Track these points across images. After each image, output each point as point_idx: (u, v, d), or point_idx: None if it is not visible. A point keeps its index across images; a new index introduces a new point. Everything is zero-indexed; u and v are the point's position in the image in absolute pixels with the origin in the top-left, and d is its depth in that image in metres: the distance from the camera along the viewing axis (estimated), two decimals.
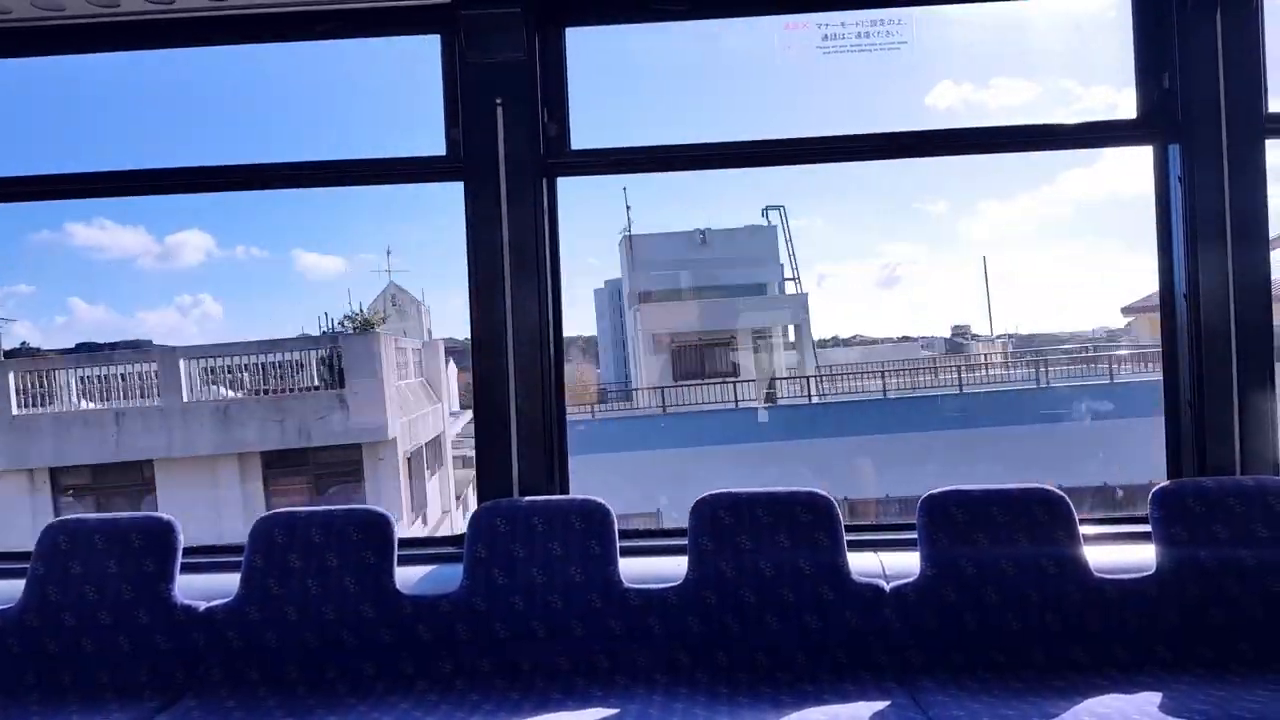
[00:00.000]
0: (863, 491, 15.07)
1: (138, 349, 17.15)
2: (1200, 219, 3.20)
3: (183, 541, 3.09)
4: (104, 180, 3.57)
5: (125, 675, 2.91)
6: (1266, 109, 3.21)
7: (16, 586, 3.04)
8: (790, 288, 24.11)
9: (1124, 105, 3.42)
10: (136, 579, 2.99)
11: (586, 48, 3.42)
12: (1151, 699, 2.52)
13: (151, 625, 2.96)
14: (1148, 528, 2.99)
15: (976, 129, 3.48)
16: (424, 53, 3.40)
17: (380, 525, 3.03)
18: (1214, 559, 2.86)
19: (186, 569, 3.09)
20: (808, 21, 3.41)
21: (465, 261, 3.34)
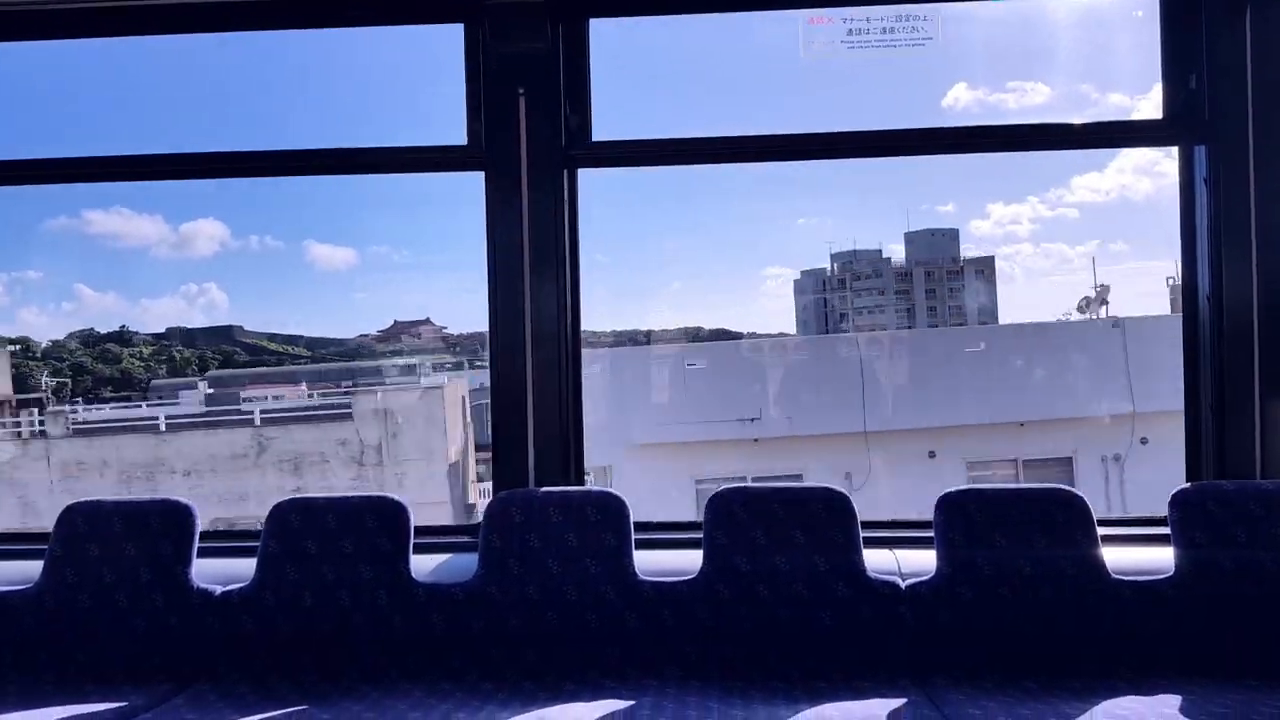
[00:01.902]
0: None
1: None
2: (1226, 221, 3.17)
3: (200, 526, 3.10)
4: (126, 164, 3.59)
5: (140, 657, 2.93)
6: None
7: (35, 567, 3.06)
8: None
9: (1141, 110, 3.39)
10: (153, 562, 3.01)
11: (609, 39, 3.41)
12: (1169, 701, 2.51)
13: (167, 608, 2.97)
14: (1166, 530, 2.97)
15: (1000, 126, 3.47)
16: (447, 42, 3.40)
17: (396, 513, 3.03)
18: (1233, 562, 2.83)
19: (203, 553, 3.10)
20: (833, 16, 3.39)
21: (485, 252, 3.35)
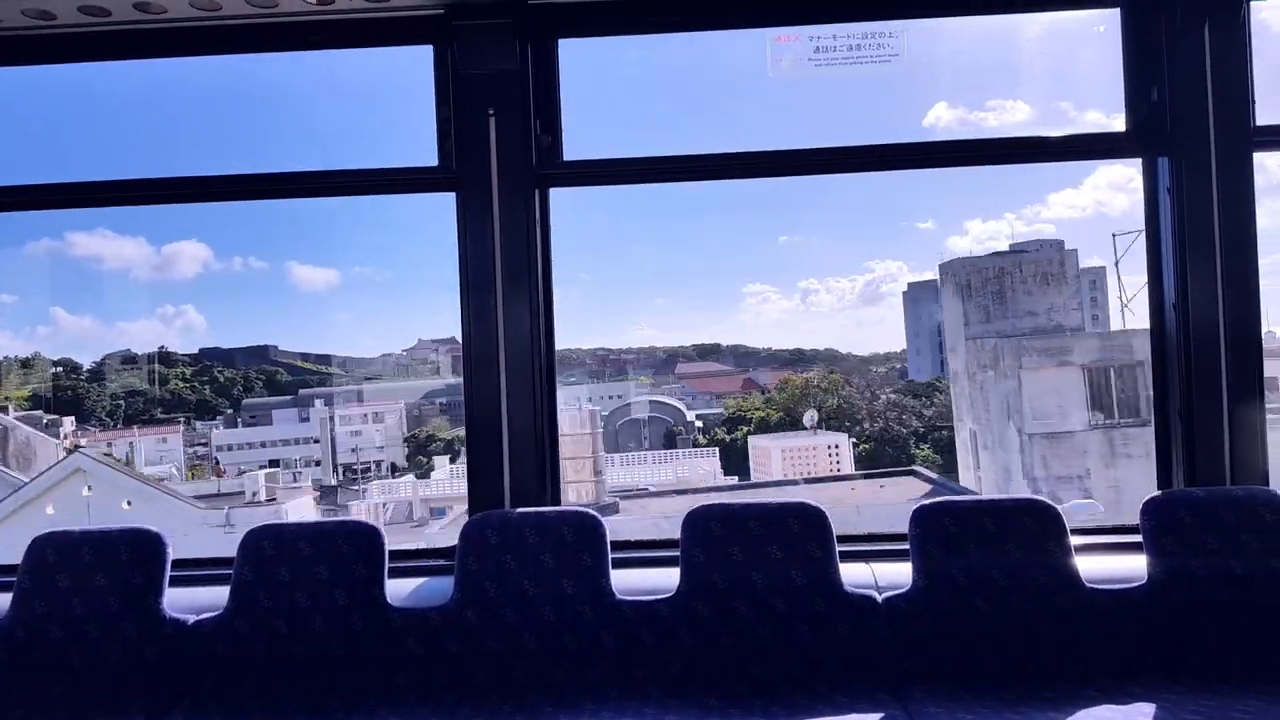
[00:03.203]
0: None
1: None
2: (1189, 231, 3.21)
3: (171, 554, 3.07)
4: (94, 190, 3.56)
5: (113, 689, 2.88)
6: (1254, 121, 3.23)
7: (3, 600, 3.01)
8: None
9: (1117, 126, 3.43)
10: (124, 592, 2.97)
11: (580, 59, 3.43)
12: (1143, 709, 2.52)
13: (140, 639, 2.93)
14: (1139, 538, 2.99)
15: (967, 141, 3.52)
16: (417, 64, 3.41)
17: (370, 537, 3.01)
18: (1204, 569, 2.86)
19: (175, 582, 3.07)
20: (799, 34, 3.42)
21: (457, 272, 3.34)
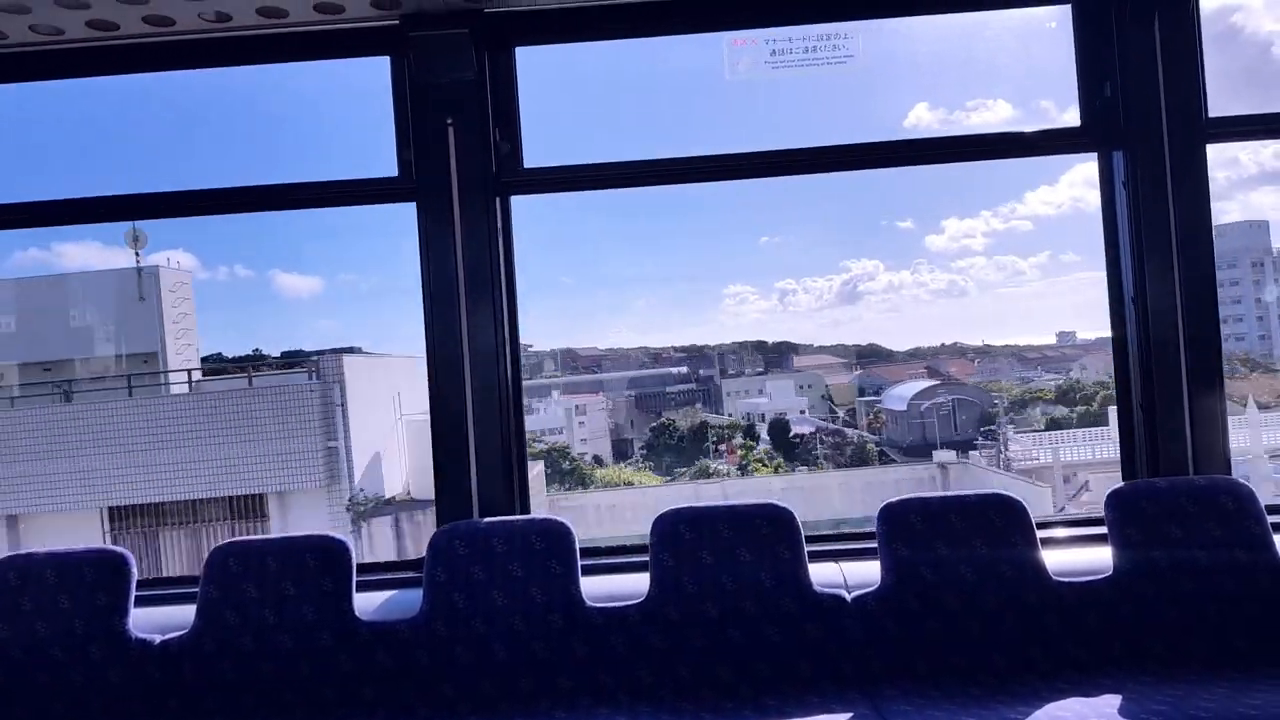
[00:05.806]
0: None
1: None
2: (1145, 224, 3.25)
3: (136, 574, 3.03)
4: (51, 209, 3.51)
5: (79, 713, 2.85)
6: (1206, 114, 3.27)
7: None
8: None
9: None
10: (89, 613, 2.93)
11: (538, 66, 3.43)
12: (1111, 701, 2.54)
13: (105, 661, 2.89)
14: (1104, 530, 3.02)
15: (929, 139, 3.52)
16: (374, 75, 3.40)
17: (337, 552, 2.99)
18: (1168, 559, 2.89)
19: (141, 602, 3.04)
20: (755, 37, 3.44)
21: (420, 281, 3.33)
